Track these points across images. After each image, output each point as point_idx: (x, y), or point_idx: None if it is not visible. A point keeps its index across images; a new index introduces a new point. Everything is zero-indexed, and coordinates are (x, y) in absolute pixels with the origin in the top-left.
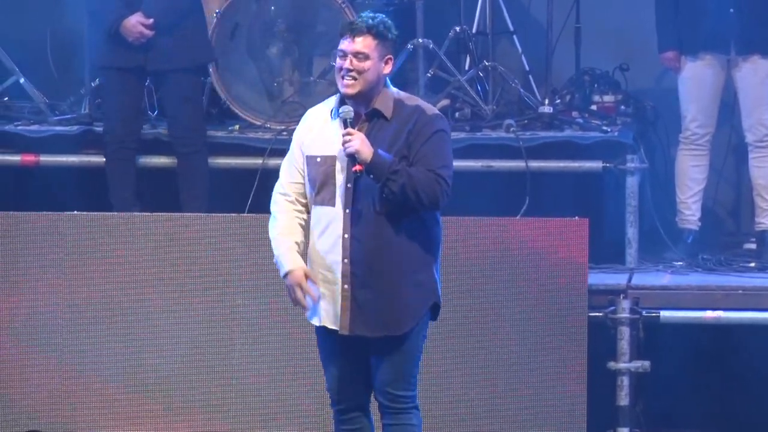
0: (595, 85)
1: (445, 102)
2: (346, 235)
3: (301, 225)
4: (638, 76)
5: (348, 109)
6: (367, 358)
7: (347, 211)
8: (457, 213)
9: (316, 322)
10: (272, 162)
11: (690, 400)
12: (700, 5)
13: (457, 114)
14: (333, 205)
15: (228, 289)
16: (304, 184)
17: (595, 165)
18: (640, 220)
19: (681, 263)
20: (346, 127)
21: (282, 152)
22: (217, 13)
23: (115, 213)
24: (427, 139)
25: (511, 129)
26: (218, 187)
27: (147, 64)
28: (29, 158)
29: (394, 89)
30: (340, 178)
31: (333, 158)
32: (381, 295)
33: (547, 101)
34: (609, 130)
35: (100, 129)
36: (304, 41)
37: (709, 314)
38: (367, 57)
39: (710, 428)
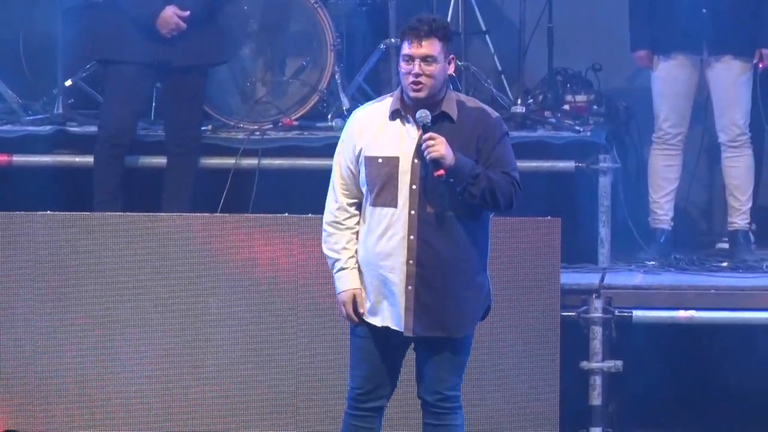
0: (568, 85)
1: None
2: (411, 237)
3: (355, 236)
4: (611, 76)
5: (425, 113)
6: (401, 360)
7: (413, 212)
8: None
9: (377, 322)
10: (245, 162)
11: (663, 400)
12: (672, 5)
13: None
14: (395, 206)
15: (201, 288)
16: (356, 188)
17: (568, 165)
18: (612, 219)
19: (653, 263)
20: (425, 131)
21: (254, 152)
22: None
23: (89, 213)
24: (497, 142)
25: None
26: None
27: (174, 59)
28: (1, 158)
29: (452, 89)
30: (404, 179)
31: (396, 159)
32: (446, 297)
33: (519, 101)
34: (581, 130)
35: (73, 129)
36: (277, 41)
37: (682, 314)
38: (435, 60)
39: (683, 428)
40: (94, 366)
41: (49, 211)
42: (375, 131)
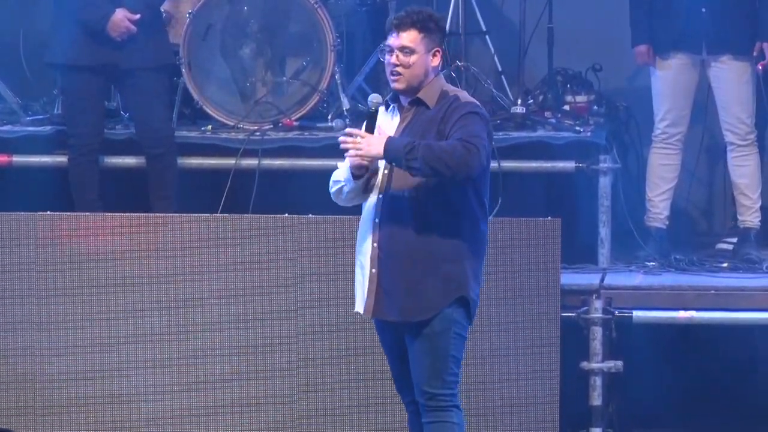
0: (568, 86)
1: None
2: (377, 220)
3: None
4: (611, 76)
5: (377, 98)
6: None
7: (380, 196)
8: None
9: (357, 308)
10: (245, 162)
11: (663, 400)
12: (671, 5)
13: None
14: (373, 191)
15: (200, 290)
16: None
17: (568, 165)
18: (612, 220)
19: (653, 263)
20: (370, 117)
21: (254, 153)
22: (189, 13)
23: (88, 213)
24: (458, 118)
25: None
26: (191, 187)
27: (120, 62)
28: (2, 158)
29: (444, 82)
30: (382, 164)
31: None
32: (403, 281)
33: (519, 101)
34: (581, 130)
35: None
36: (277, 42)
37: (682, 314)
38: (413, 51)
39: (683, 428)
40: (94, 366)
41: (49, 212)
42: (380, 122)
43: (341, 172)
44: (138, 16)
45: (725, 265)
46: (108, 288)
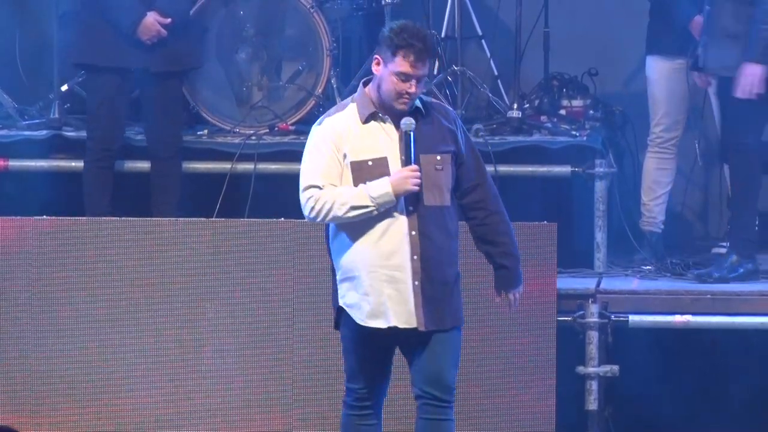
0: (564, 90)
1: None
2: (413, 233)
3: None
4: (607, 80)
5: (411, 122)
6: (392, 356)
7: (410, 208)
8: None
9: (381, 324)
10: (240, 167)
11: (659, 405)
12: (671, 10)
13: None
14: (395, 207)
15: (195, 294)
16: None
17: (564, 169)
18: (608, 224)
19: (650, 268)
20: (407, 138)
21: (250, 157)
22: None
23: (85, 218)
24: (472, 148)
25: (480, 134)
26: (187, 191)
27: (151, 66)
28: None
29: None
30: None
31: (385, 159)
32: (444, 289)
33: (515, 106)
34: (577, 134)
35: (69, 133)
36: (273, 46)
37: (678, 318)
38: (425, 77)
39: None
40: (88, 368)
41: (45, 216)
42: (355, 137)
43: (361, 198)
44: (169, 20)
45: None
46: (103, 291)
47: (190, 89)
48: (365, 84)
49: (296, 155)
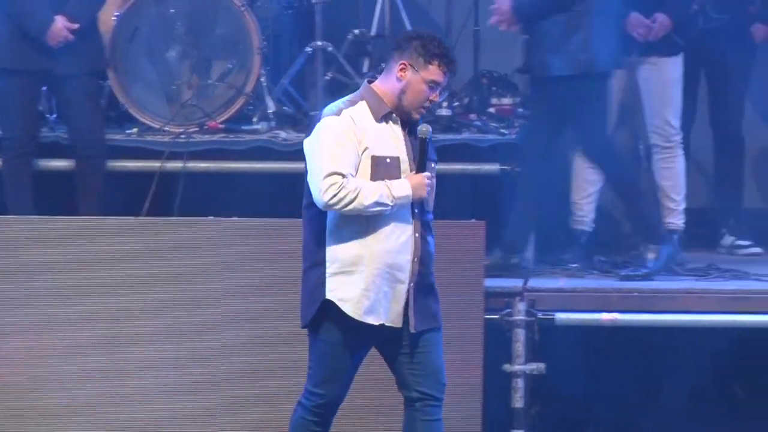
0: (493, 88)
1: None
2: (416, 235)
3: None
4: None
5: (428, 128)
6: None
7: (415, 211)
8: None
9: (372, 320)
10: (170, 165)
11: (585, 403)
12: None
13: None
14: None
15: (123, 292)
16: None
17: (493, 167)
18: (537, 223)
19: (577, 266)
20: (423, 145)
21: (179, 155)
22: (116, 16)
23: (10, 216)
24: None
25: None
26: (116, 190)
27: (55, 68)
28: None
29: None
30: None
31: (398, 159)
32: (431, 291)
33: (445, 104)
34: (507, 132)
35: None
36: (203, 44)
37: (605, 316)
38: None
39: (606, 431)
40: (15, 368)
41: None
42: (373, 132)
43: (384, 196)
44: (77, 25)
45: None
46: (29, 291)
47: (119, 87)
48: (369, 82)
49: (226, 153)
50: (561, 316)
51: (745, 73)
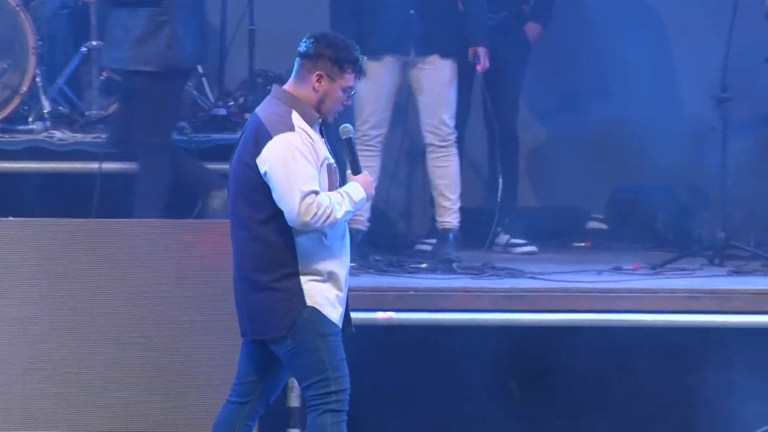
0: (269, 88)
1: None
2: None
3: None
4: None
5: (350, 128)
6: None
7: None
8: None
9: (339, 323)
10: None
11: (362, 402)
12: (380, 8)
13: None
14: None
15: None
16: None
17: None
18: None
19: (353, 264)
20: (352, 145)
21: None
22: None
23: None
24: None
25: (185, 131)
26: None
27: None
28: None
29: None
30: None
31: (334, 163)
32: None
33: (221, 103)
34: None
35: None
36: None
37: (381, 315)
38: None
39: (382, 430)
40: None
41: None
42: (317, 140)
43: (350, 203)
44: None
45: (424, 265)
46: None
47: None
48: (286, 91)
49: (1, 153)
50: None
51: (519, 71)
